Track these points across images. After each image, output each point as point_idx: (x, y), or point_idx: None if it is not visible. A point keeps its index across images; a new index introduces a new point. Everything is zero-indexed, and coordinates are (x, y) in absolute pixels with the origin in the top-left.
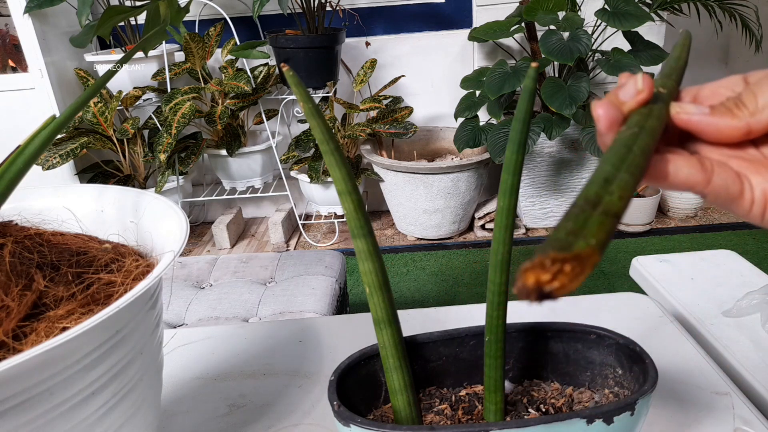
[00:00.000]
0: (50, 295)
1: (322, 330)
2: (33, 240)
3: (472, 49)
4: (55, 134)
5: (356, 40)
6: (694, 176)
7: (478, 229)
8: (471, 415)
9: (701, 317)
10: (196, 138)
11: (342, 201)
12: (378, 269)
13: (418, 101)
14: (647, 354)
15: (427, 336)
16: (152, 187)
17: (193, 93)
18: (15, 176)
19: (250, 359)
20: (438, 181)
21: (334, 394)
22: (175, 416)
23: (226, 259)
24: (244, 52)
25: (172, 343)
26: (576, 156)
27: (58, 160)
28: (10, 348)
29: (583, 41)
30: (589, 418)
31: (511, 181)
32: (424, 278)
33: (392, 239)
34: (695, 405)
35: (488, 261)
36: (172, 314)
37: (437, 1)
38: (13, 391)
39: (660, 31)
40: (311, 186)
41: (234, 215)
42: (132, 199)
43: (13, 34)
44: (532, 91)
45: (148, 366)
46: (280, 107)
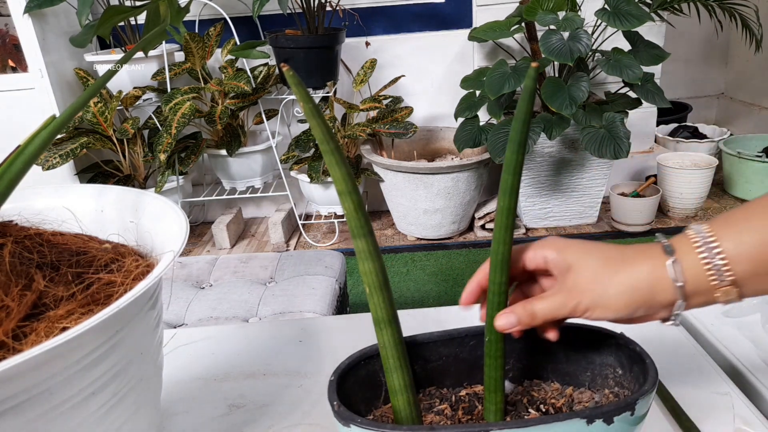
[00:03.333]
0: (50, 295)
1: (322, 330)
2: (33, 240)
3: (472, 49)
4: (55, 134)
5: (356, 40)
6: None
7: (478, 229)
8: (471, 415)
9: (701, 317)
10: (196, 138)
11: (342, 201)
12: (378, 269)
13: (418, 101)
14: (647, 354)
15: (427, 336)
16: (152, 187)
17: (193, 93)
18: (15, 176)
19: (250, 359)
20: (438, 181)
21: (334, 394)
22: (175, 416)
23: (226, 259)
24: (244, 52)
25: (172, 343)
26: (576, 156)
27: (58, 160)
28: (10, 348)
29: (583, 41)
30: (589, 418)
31: (512, 181)
32: (424, 278)
33: (392, 239)
34: (695, 405)
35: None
36: (172, 314)
37: (437, 1)
38: (13, 391)
39: (660, 31)
40: (311, 186)
41: (234, 215)
42: (132, 199)
43: (13, 34)
44: (532, 91)
45: (148, 366)
46: (280, 107)
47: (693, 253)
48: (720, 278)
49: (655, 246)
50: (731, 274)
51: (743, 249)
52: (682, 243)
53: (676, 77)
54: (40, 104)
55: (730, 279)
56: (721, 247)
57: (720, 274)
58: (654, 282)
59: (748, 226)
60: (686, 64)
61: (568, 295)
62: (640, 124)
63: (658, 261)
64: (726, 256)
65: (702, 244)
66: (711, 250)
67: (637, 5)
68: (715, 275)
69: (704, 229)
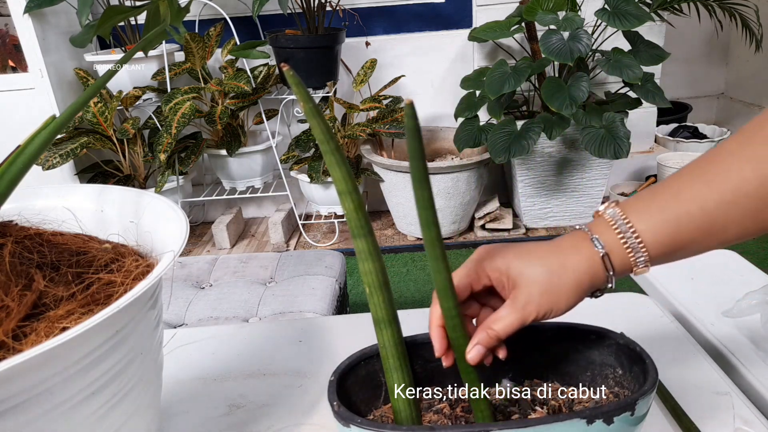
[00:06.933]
0: (50, 295)
1: (322, 330)
2: (33, 240)
3: (472, 49)
4: (55, 134)
5: (356, 40)
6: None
7: (478, 229)
8: (471, 415)
9: (701, 317)
10: (196, 138)
11: (342, 201)
12: (378, 269)
13: (418, 101)
14: (647, 354)
15: (427, 336)
16: (152, 187)
17: (193, 93)
18: (15, 176)
19: (250, 359)
20: (438, 181)
21: (334, 395)
22: (175, 416)
23: (226, 259)
24: (244, 52)
25: (172, 343)
26: (576, 156)
27: (58, 160)
28: (10, 348)
29: (583, 41)
30: (589, 418)
31: (427, 216)
32: (424, 278)
33: (392, 239)
34: (695, 405)
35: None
36: (172, 314)
37: (437, 1)
38: (13, 390)
39: (660, 31)
40: (311, 186)
41: (234, 215)
42: (132, 199)
43: (13, 34)
44: (415, 130)
45: (148, 366)
46: (280, 107)
47: (615, 239)
48: (636, 256)
49: (582, 238)
50: (645, 251)
51: (653, 228)
52: (603, 230)
53: (676, 77)
54: (40, 104)
55: (644, 256)
56: (634, 228)
57: (636, 252)
58: (593, 275)
59: (654, 206)
60: (686, 64)
61: (524, 309)
62: (640, 124)
63: (592, 255)
64: (639, 235)
65: (619, 228)
66: (627, 233)
67: (637, 5)
68: (633, 254)
69: (619, 213)
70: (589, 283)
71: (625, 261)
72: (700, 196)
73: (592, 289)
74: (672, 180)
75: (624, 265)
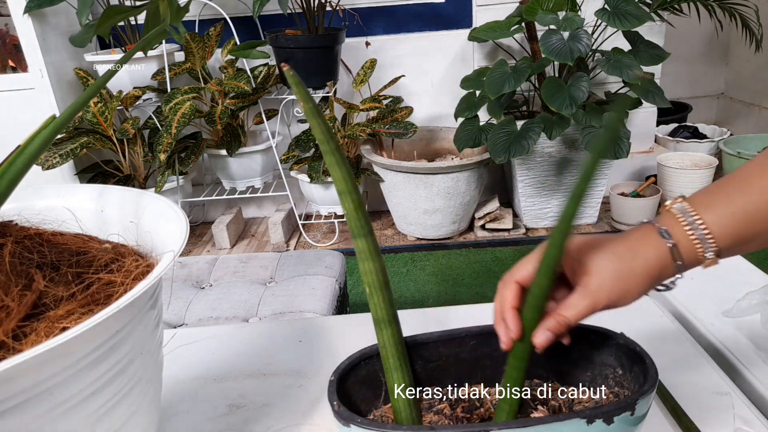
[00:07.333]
0: (50, 295)
1: (322, 330)
2: (33, 240)
3: (472, 49)
4: (55, 134)
5: (356, 40)
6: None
7: (478, 229)
8: (471, 415)
9: (701, 317)
10: (196, 138)
11: (342, 201)
12: (378, 269)
13: (418, 101)
14: (647, 354)
15: (427, 336)
16: (152, 187)
17: (193, 93)
18: (15, 176)
19: (250, 359)
20: (438, 181)
21: (334, 394)
22: (175, 416)
23: (226, 259)
24: (244, 52)
25: (172, 343)
26: (576, 156)
27: (58, 160)
28: (10, 348)
29: (583, 41)
30: (589, 418)
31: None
32: (424, 278)
33: (392, 239)
34: (695, 405)
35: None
36: (172, 314)
37: (437, 1)
38: (13, 390)
39: (660, 31)
40: (311, 186)
41: (234, 215)
42: (132, 199)
43: (13, 34)
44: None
45: (148, 366)
46: (280, 107)
47: (683, 231)
48: (705, 247)
49: (650, 230)
50: (714, 243)
51: (721, 220)
52: (671, 223)
53: (676, 77)
54: (40, 104)
55: (713, 248)
56: (702, 221)
57: (705, 244)
58: (662, 266)
59: (722, 199)
60: (686, 64)
61: (595, 295)
62: (640, 124)
63: (660, 245)
64: (707, 228)
65: (687, 221)
66: (696, 225)
67: (637, 5)
68: (701, 246)
69: (687, 207)
70: (658, 273)
71: (693, 253)
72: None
73: (660, 279)
74: (738, 173)
75: (692, 257)
